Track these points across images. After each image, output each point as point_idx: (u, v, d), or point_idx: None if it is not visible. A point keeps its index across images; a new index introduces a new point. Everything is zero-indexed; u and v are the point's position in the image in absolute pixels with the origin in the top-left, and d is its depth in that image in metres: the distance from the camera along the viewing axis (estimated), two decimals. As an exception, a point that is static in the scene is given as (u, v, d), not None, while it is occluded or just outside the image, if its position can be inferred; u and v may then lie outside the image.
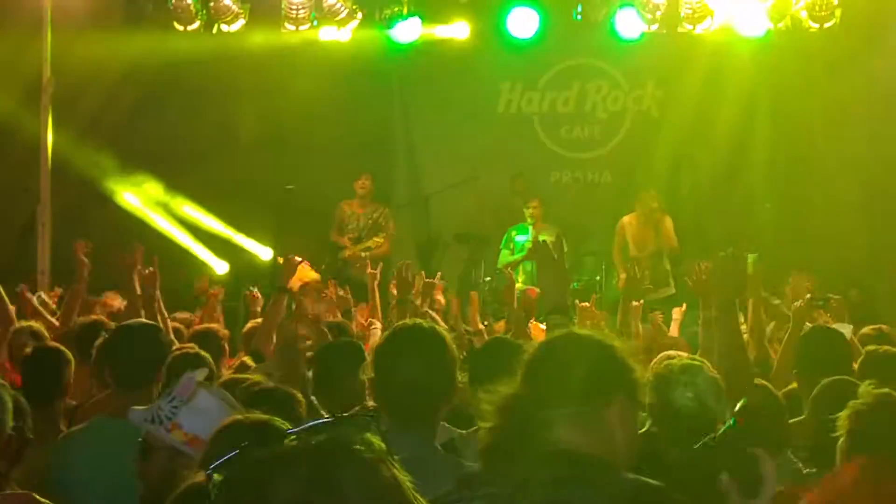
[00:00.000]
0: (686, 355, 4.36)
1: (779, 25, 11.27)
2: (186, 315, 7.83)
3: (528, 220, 11.24)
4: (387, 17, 11.49)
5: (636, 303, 6.90)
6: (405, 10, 11.44)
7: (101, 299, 7.68)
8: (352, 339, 5.42)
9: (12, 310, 6.21)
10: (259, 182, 11.67)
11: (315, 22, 11.44)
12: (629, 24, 11.30)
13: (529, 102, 12.55)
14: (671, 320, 8.02)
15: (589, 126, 12.49)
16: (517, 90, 12.54)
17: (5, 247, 10.87)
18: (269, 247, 11.28)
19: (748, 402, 3.86)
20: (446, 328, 5.69)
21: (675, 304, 8.51)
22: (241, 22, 11.45)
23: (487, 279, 11.33)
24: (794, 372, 4.99)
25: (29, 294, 7.20)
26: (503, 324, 7.67)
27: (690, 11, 11.20)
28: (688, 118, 11.87)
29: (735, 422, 3.53)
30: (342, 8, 11.34)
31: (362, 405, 4.37)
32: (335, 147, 11.86)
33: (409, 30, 11.53)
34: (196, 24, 11.35)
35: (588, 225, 12.15)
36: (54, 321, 6.69)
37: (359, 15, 11.48)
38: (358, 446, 1.38)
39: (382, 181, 11.99)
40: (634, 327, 6.41)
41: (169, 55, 11.18)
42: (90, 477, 3.74)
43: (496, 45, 12.02)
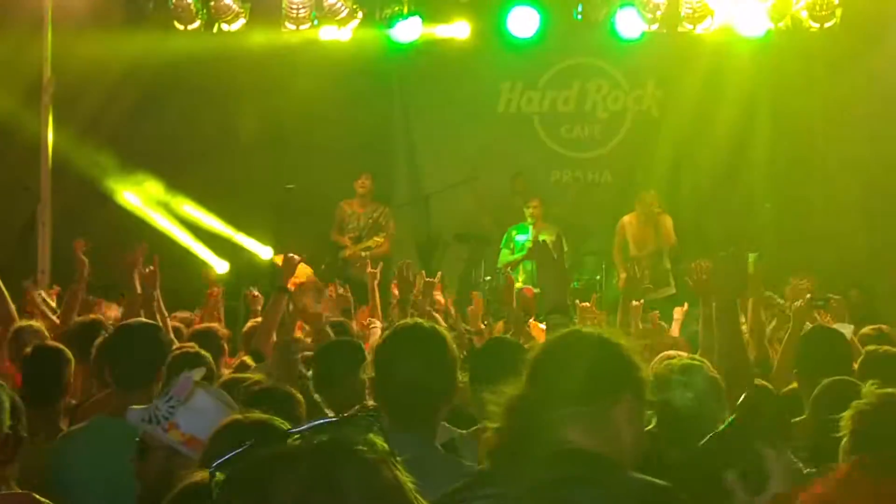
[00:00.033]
0: (686, 355, 4.36)
1: (779, 25, 11.26)
2: (187, 314, 7.82)
3: (529, 220, 11.24)
4: (387, 17, 11.50)
5: (636, 302, 6.90)
6: (405, 10, 11.45)
7: (99, 308, 7.65)
8: (352, 339, 5.42)
9: (14, 308, 6.20)
10: (259, 181, 11.69)
11: (315, 21, 11.45)
12: (629, 24, 11.30)
13: (530, 102, 12.55)
14: (672, 320, 8.02)
15: (589, 126, 12.48)
16: (517, 89, 12.53)
17: (5, 246, 10.86)
18: (270, 246, 11.28)
19: (749, 400, 3.87)
20: (447, 327, 5.70)
21: (676, 304, 8.52)
22: (242, 21, 11.46)
23: (488, 279, 11.33)
24: (795, 372, 4.99)
25: (35, 291, 7.21)
26: (503, 324, 7.66)
27: (691, 11, 11.20)
28: (688, 118, 11.87)
29: (735, 419, 3.53)
30: (342, 7, 11.34)
31: (362, 405, 4.37)
32: (335, 146, 11.86)
33: (410, 29, 11.54)
34: (196, 24, 11.36)
35: (588, 224, 12.14)
36: (56, 319, 6.68)
37: (359, 14, 11.49)
38: (360, 447, 1.38)
39: (382, 181, 11.99)
40: (634, 327, 6.41)
41: (169, 54, 11.18)
42: (90, 476, 3.74)
43: (496, 45, 12.02)
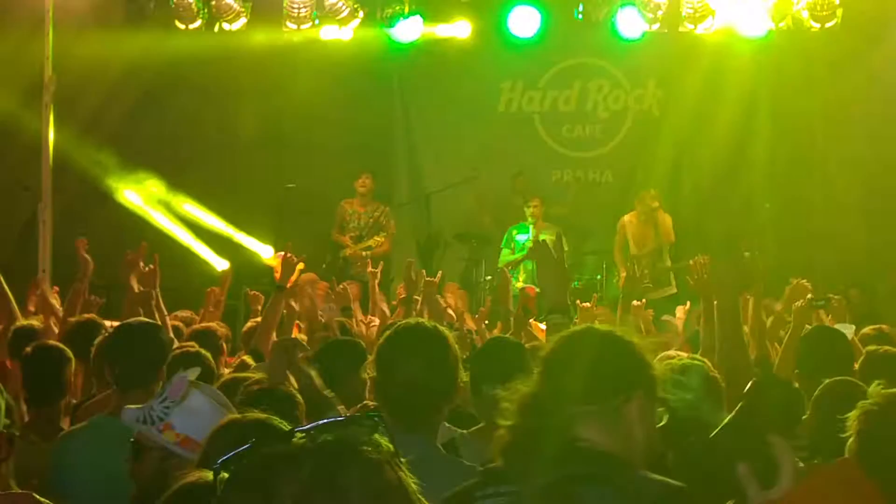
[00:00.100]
0: (686, 355, 4.37)
1: (780, 25, 11.27)
2: (187, 313, 7.80)
3: (529, 220, 11.24)
4: (388, 16, 11.50)
5: (637, 302, 6.90)
6: (406, 9, 11.46)
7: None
8: (352, 338, 5.42)
9: (16, 306, 6.20)
10: (260, 180, 11.68)
11: (316, 21, 11.46)
12: (630, 24, 11.31)
13: (530, 101, 12.54)
14: (674, 319, 8.01)
15: (590, 125, 12.47)
16: (518, 89, 12.52)
17: (6, 245, 10.86)
18: (270, 245, 11.28)
19: (756, 387, 3.87)
20: (453, 326, 5.72)
21: (678, 304, 8.51)
22: (243, 20, 11.47)
23: (488, 278, 11.32)
24: (796, 372, 4.99)
25: (45, 288, 7.21)
26: (502, 323, 7.65)
27: (692, 11, 11.20)
28: (689, 118, 11.87)
29: (742, 406, 3.52)
30: (343, 7, 11.35)
31: (362, 404, 4.37)
32: (336, 146, 11.86)
33: (411, 29, 11.55)
34: (198, 23, 11.37)
35: (589, 224, 12.13)
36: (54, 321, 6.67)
37: (360, 14, 11.50)
38: (364, 447, 1.37)
39: (383, 180, 11.98)
40: (635, 326, 6.40)
41: (170, 54, 11.19)
42: (90, 476, 3.74)
43: (497, 44, 12.03)
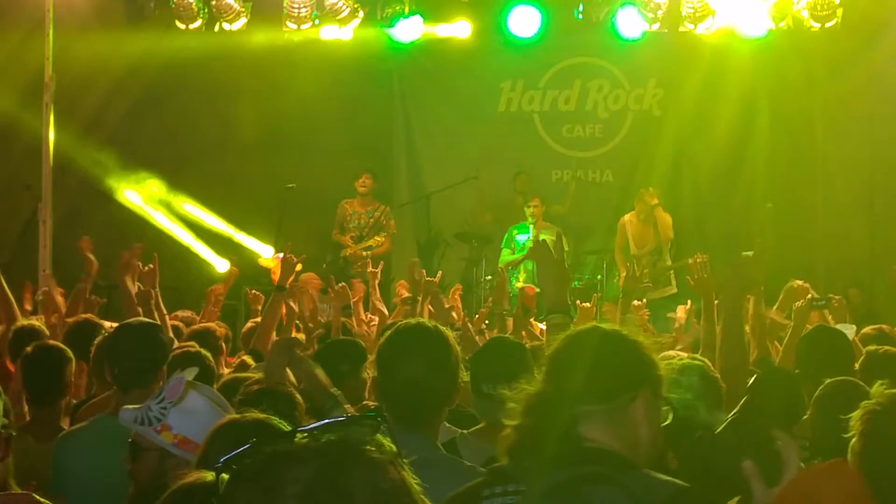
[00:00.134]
0: (686, 355, 4.37)
1: (780, 25, 11.27)
2: (188, 313, 7.80)
3: (529, 220, 11.24)
4: (388, 16, 11.50)
5: (638, 302, 6.90)
6: (406, 9, 11.46)
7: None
8: (353, 338, 5.42)
9: (16, 306, 6.20)
10: (260, 180, 11.68)
11: (316, 20, 11.46)
12: (630, 24, 11.30)
13: (530, 101, 12.53)
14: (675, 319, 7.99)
15: (590, 125, 12.46)
16: (518, 89, 12.51)
17: (7, 245, 10.87)
18: (270, 245, 11.28)
19: (761, 380, 3.86)
20: (454, 326, 5.72)
21: (679, 303, 8.49)
22: (243, 20, 11.48)
23: (488, 278, 11.31)
24: (796, 372, 4.99)
25: (52, 286, 7.22)
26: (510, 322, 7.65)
27: (692, 11, 11.20)
28: (689, 117, 11.87)
29: (747, 400, 3.51)
30: (344, 6, 11.35)
31: (363, 404, 4.37)
32: (336, 145, 11.86)
33: (411, 28, 11.55)
34: (198, 23, 11.38)
35: (589, 224, 12.13)
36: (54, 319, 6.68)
37: (360, 13, 11.50)
38: (368, 447, 1.37)
39: (383, 180, 11.99)
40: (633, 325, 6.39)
41: (171, 54, 11.20)
42: (91, 475, 3.74)
43: (497, 44, 12.03)
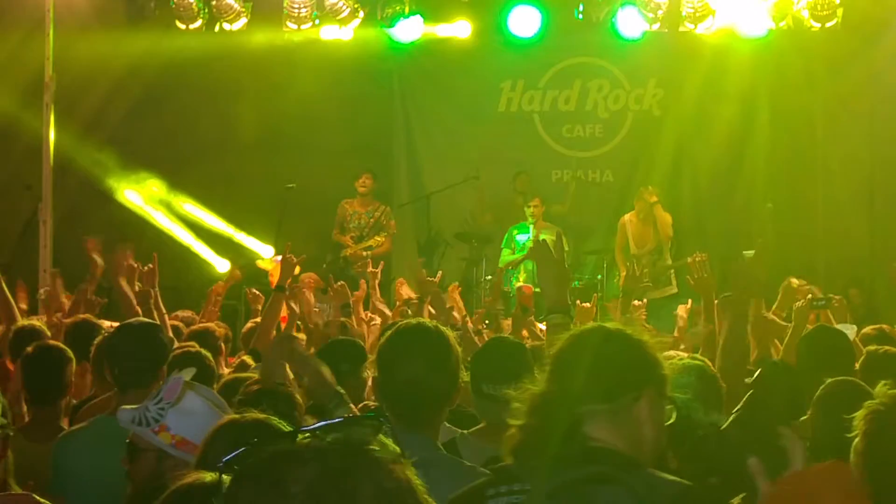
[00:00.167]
0: (686, 355, 4.37)
1: (780, 25, 11.27)
2: (188, 313, 7.80)
3: (529, 220, 11.24)
4: (388, 16, 11.50)
5: (638, 302, 6.90)
6: (407, 9, 11.45)
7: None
8: (353, 339, 5.42)
9: (16, 307, 6.20)
10: (260, 180, 11.68)
11: (317, 21, 11.45)
12: (630, 23, 11.30)
13: (531, 101, 12.52)
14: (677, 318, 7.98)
15: (590, 125, 12.45)
16: (518, 89, 12.51)
17: (7, 245, 10.87)
18: (270, 245, 11.27)
19: (764, 375, 3.86)
20: (456, 326, 5.72)
21: (679, 303, 8.48)
22: (243, 20, 11.47)
23: (489, 278, 11.31)
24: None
25: (58, 285, 7.23)
26: (509, 322, 7.65)
27: (692, 11, 11.20)
28: (689, 117, 11.87)
29: (751, 395, 3.51)
30: (344, 7, 11.35)
31: (363, 405, 4.37)
32: (336, 145, 11.86)
33: (411, 28, 11.55)
34: (198, 23, 11.37)
35: (589, 224, 12.13)
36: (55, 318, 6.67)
37: (360, 14, 11.50)
38: (372, 447, 1.36)
39: (383, 180, 11.98)
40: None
41: (171, 54, 11.20)
42: (91, 476, 3.74)
43: (497, 44, 12.02)
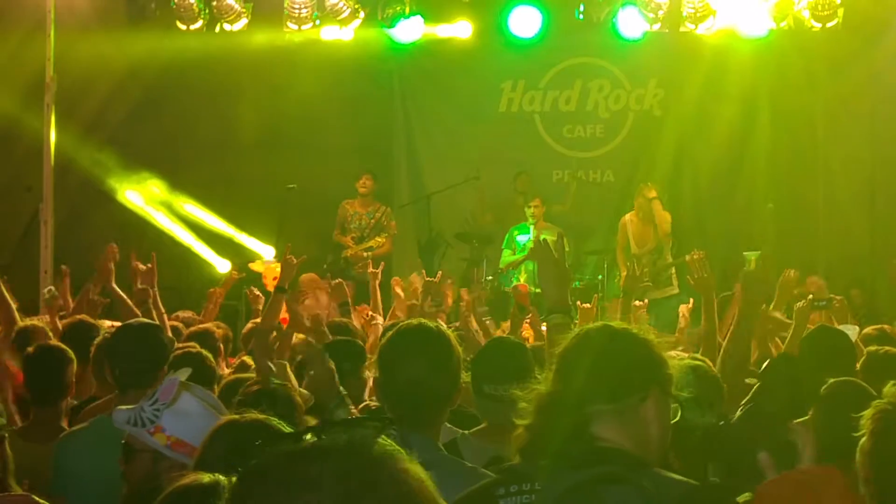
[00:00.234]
0: (687, 355, 4.37)
1: (781, 25, 11.26)
2: (189, 314, 7.80)
3: (530, 220, 11.24)
4: (389, 17, 11.49)
5: (639, 302, 6.89)
6: (407, 10, 11.45)
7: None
8: (353, 339, 5.42)
9: (15, 309, 6.20)
10: (261, 181, 11.68)
11: (317, 21, 11.45)
12: (631, 24, 11.29)
13: (531, 101, 12.52)
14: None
15: (591, 125, 12.45)
16: (519, 89, 12.51)
17: (8, 245, 10.88)
18: (271, 246, 11.28)
19: (772, 367, 3.86)
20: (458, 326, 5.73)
21: (681, 303, 8.46)
22: (244, 21, 11.47)
23: (489, 278, 11.31)
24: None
25: (65, 285, 7.24)
26: (509, 324, 7.65)
27: (693, 11, 11.19)
28: (690, 118, 11.87)
29: (759, 388, 3.51)
30: (344, 7, 11.35)
31: (364, 405, 4.37)
32: (337, 146, 11.86)
33: (411, 29, 11.54)
34: (199, 24, 11.37)
35: (590, 224, 12.13)
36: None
37: (361, 14, 11.49)
38: (389, 448, 1.33)
39: (384, 180, 11.98)
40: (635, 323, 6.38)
41: (171, 54, 11.20)
42: (91, 476, 3.74)
43: (498, 44, 12.02)
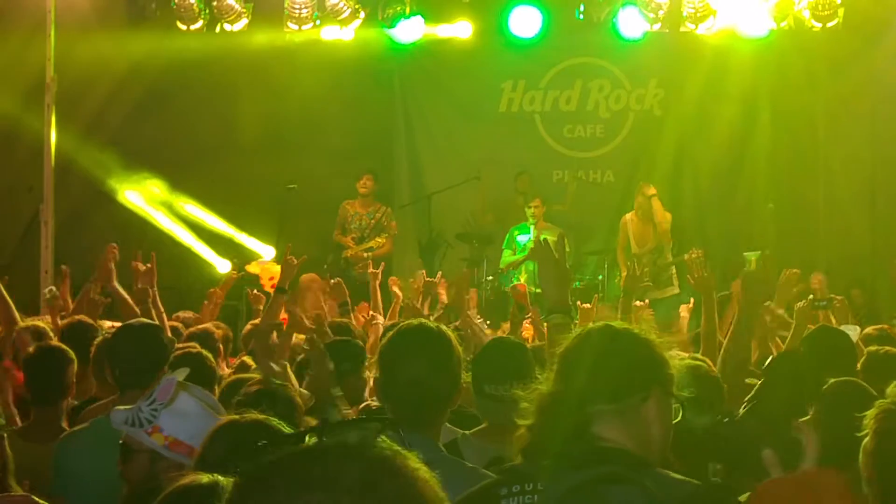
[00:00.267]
0: (687, 355, 4.37)
1: (781, 25, 11.26)
2: (189, 314, 7.80)
3: (530, 220, 11.24)
4: (389, 17, 11.50)
5: (640, 303, 6.89)
6: (407, 10, 11.45)
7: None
8: (353, 339, 5.42)
9: (15, 309, 6.20)
10: (261, 181, 11.68)
11: (317, 21, 11.45)
12: (631, 24, 11.30)
13: (532, 101, 12.52)
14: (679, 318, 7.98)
15: (591, 125, 12.45)
16: (519, 89, 12.50)
17: (8, 246, 10.88)
18: (272, 246, 11.28)
19: (777, 362, 3.86)
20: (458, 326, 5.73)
21: (682, 303, 8.47)
22: (244, 21, 11.47)
23: (489, 279, 11.32)
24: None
25: (65, 285, 7.24)
26: (509, 324, 7.65)
27: (693, 11, 11.19)
28: (690, 118, 11.87)
29: (764, 383, 3.47)
30: (345, 7, 11.35)
31: (365, 405, 4.37)
32: (337, 146, 11.86)
33: (412, 29, 11.55)
34: (199, 24, 11.37)
35: (590, 224, 12.13)
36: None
37: (361, 14, 11.49)
38: (390, 448, 1.32)
39: (384, 181, 11.98)
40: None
41: (172, 55, 11.20)
42: (91, 477, 3.74)
43: (498, 44, 12.02)
